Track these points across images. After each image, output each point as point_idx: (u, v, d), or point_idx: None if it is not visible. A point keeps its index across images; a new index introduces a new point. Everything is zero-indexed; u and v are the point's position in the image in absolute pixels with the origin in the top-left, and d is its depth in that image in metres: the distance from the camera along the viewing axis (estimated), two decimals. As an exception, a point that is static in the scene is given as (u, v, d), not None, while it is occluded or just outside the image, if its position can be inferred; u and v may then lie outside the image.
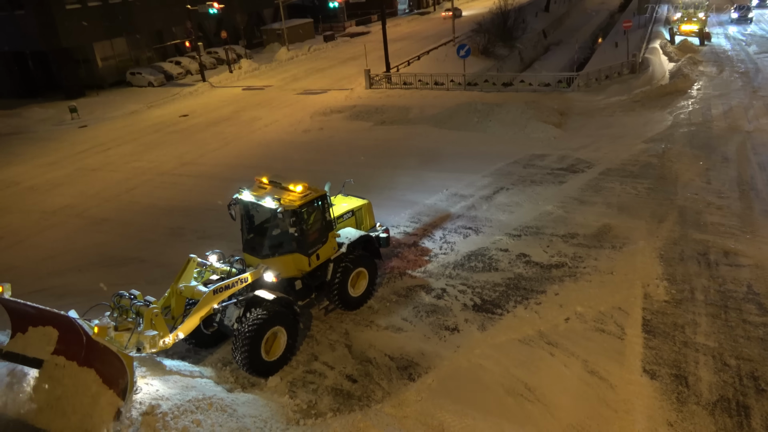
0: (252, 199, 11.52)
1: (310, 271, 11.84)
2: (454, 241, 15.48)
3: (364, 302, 12.78)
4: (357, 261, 12.38)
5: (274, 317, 10.60)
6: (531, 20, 58.03)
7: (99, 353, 8.75)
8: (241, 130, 29.16)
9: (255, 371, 10.60)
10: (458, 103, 28.81)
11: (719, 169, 18.88)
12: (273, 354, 10.84)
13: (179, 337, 10.05)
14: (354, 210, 13.61)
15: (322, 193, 11.80)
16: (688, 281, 12.81)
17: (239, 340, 10.31)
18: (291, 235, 11.34)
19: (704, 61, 34.13)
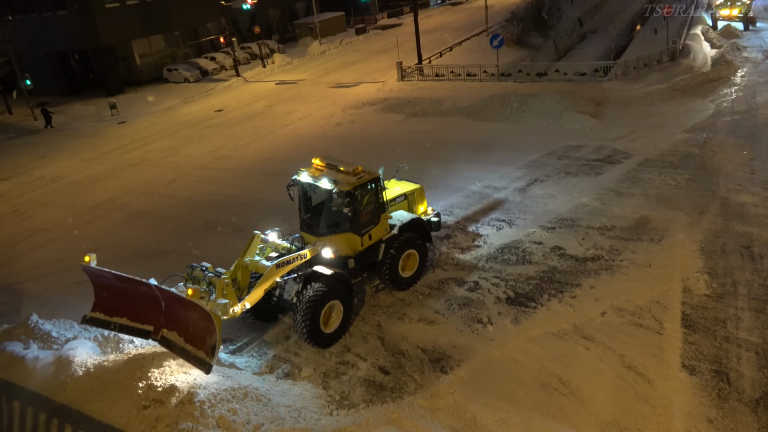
0: (309, 180, 12.05)
1: (363, 251, 12.34)
2: (488, 233, 15.35)
3: (413, 283, 13.15)
4: (407, 243, 12.74)
5: (331, 291, 11.19)
6: (566, 8, 56.69)
7: (185, 314, 9.73)
8: (275, 124, 29.49)
9: (315, 342, 11.20)
10: (491, 94, 28.45)
11: (764, 159, 18.18)
12: (330, 326, 11.45)
13: (246, 307, 10.65)
14: (407, 194, 13.98)
15: (375, 176, 12.21)
16: (730, 275, 12.42)
17: (300, 312, 10.90)
18: (345, 215, 11.78)
19: (749, 47, 32.82)
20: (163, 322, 10.11)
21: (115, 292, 10.85)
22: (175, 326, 9.98)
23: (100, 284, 11.05)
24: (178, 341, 9.88)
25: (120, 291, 10.76)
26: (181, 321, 9.93)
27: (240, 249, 11.65)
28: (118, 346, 10.84)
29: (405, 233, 12.84)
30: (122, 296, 10.76)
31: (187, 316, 9.81)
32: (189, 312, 9.74)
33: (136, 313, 10.55)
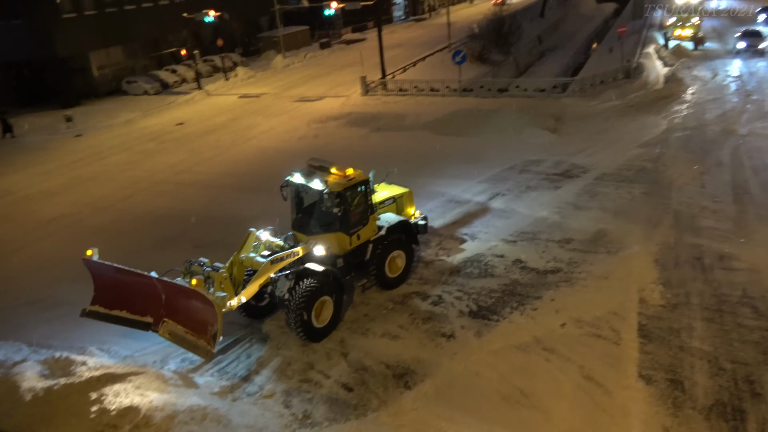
0: (302, 181, 12.62)
1: (351, 251, 12.83)
2: (451, 247, 15.48)
3: (400, 283, 13.62)
4: (395, 244, 13.26)
5: (322, 287, 11.69)
6: (526, 26, 58.30)
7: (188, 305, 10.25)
8: (237, 138, 29.18)
9: (307, 336, 11.65)
10: (454, 109, 28.88)
11: (714, 173, 18.93)
12: (322, 321, 11.87)
13: (242, 301, 11.18)
14: (395, 197, 14.63)
15: (365, 179, 12.77)
16: (684, 285, 12.82)
17: (292, 308, 11.36)
18: (335, 215, 12.31)
19: (698, 66, 34.29)
20: (163, 313, 10.64)
21: (115, 285, 11.29)
22: (176, 317, 10.53)
23: (100, 278, 11.48)
24: (179, 331, 10.44)
25: (120, 284, 11.20)
26: (182, 311, 10.46)
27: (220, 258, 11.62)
28: (70, 368, 10.41)
29: (392, 234, 13.29)
30: (122, 289, 11.20)
31: (188, 306, 10.33)
32: (191, 302, 10.22)
33: (136, 305, 11.04)
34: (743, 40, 36.48)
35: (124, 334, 12.73)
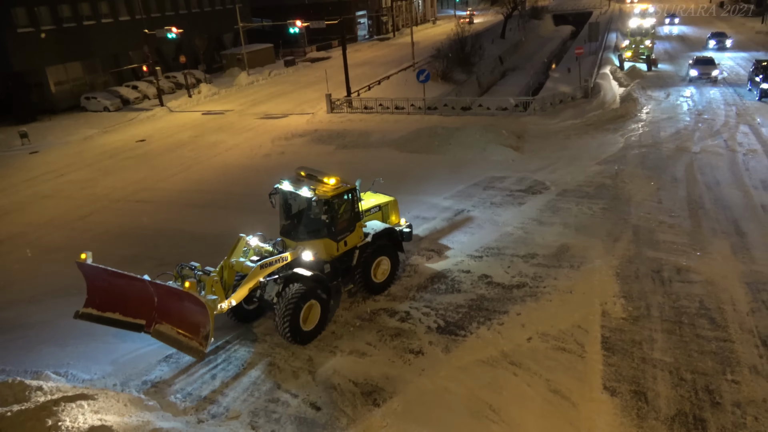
0: (291, 189, 12.93)
1: (338, 257, 13.17)
2: (418, 263, 15.53)
3: (385, 288, 14.07)
4: (380, 250, 13.73)
5: (310, 292, 12.01)
6: (488, 46, 59.65)
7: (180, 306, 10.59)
8: (201, 155, 28.77)
9: (295, 339, 11.93)
10: (419, 127, 29.21)
11: (669, 189, 19.63)
12: (309, 324, 12.18)
13: (232, 304, 11.53)
14: (381, 205, 15.08)
15: (352, 187, 13.14)
16: (644, 298, 13.17)
17: (281, 312, 11.62)
18: (323, 222, 12.74)
19: (652, 86, 35.66)
20: (155, 315, 10.99)
21: (108, 288, 11.63)
22: (168, 318, 10.87)
23: (94, 281, 11.82)
24: (171, 332, 10.78)
25: (113, 287, 11.54)
26: (175, 313, 10.78)
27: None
28: (24, 394, 9.96)
29: (378, 241, 13.69)
30: (115, 292, 11.52)
31: (180, 308, 10.66)
32: (183, 303, 10.53)
33: (128, 307, 11.35)
34: (696, 68, 35.92)
35: (83, 356, 12.31)
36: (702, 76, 35.32)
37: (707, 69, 35.48)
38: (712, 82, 34.95)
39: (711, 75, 35.16)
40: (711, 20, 70.76)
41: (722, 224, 16.72)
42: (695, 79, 35.49)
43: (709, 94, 32.14)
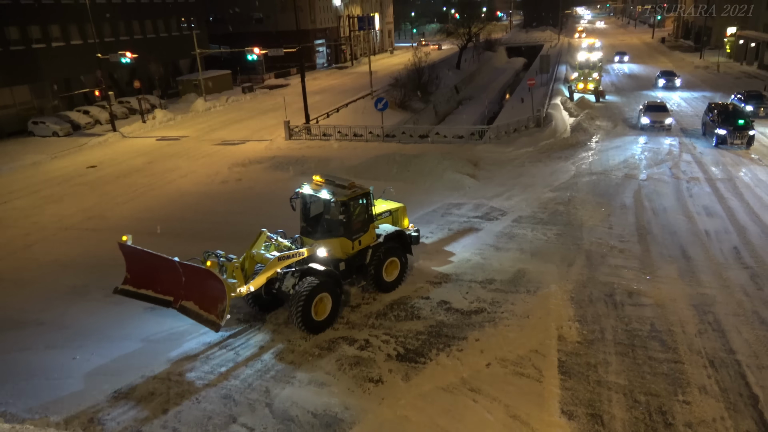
0: (311, 192, 14.26)
1: (353, 255, 14.35)
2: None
3: (395, 287, 15.16)
4: (391, 251, 14.88)
5: (323, 285, 13.05)
6: (444, 76, 61.14)
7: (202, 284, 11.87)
8: (155, 182, 28.13)
9: (307, 328, 12.97)
10: (377, 154, 29.44)
11: (619, 215, 20.32)
12: (320, 315, 13.21)
13: (250, 290, 12.78)
14: (391, 210, 16.36)
15: (366, 191, 14.47)
16: (598, 322, 13.48)
17: (295, 301, 12.71)
18: (340, 222, 13.98)
19: (600, 116, 37.15)
20: (182, 293, 12.28)
21: (143, 268, 12.97)
22: (192, 296, 12.17)
23: (131, 261, 13.21)
24: (194, 308, 12.09)
25: (148, 266, 12.83)
26: (198, 290, 12.07)
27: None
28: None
29: (389, 242, 14.93)
30: (149, 271, 12.84)
31: (203, 286, 11.92)
32: (205, 282, 11.80)
33: (160, 285, 12.69)
34: (647, 116, 32.99)
35: (17, 393, 11.65)
36: (654, 124, 32.64)
37: (660, 117, 32.78)
38: (665, 131, 32.50)
39: (664, 123, 32.56)
40: (654, 55, 74.70)
41: (669, 249, 17.38)
42: (647, 127, 32.75)
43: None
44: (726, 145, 28.33)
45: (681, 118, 36.12)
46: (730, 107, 30.41)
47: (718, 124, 28.74)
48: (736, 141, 28.12)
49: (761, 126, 31.92)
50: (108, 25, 50.60)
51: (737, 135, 28.02)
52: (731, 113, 29.40)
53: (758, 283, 15.05)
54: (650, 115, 32.90)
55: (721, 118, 29.07)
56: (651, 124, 32.65)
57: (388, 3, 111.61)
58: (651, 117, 32.79)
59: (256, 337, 13.47)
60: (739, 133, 28.04)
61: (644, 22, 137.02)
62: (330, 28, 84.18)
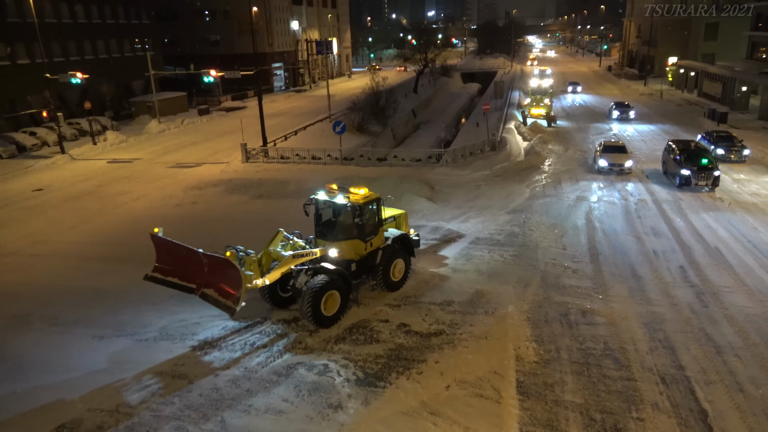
0: (326, 198, 15.47)
1: (364, 256, 15.53)
2: (335, 314, 15.31)
3: (400, 286, 16.48)
4: (398, 252, 16.25)
5: (332, 282, 14.15)
6: (401, 101, 62.01)
7: (222, 272, 13.13)
8: (105, 205, 27.26)
9: (317, 322, 14.07)
10: (336, 176, 29.43)
11: (572, 236, 20.87)
12: (329, 311, 14.27)
13: (266, 283, 13.97)
14: (395, 216, 17.82)
15: (377, 197, 15.81)
16: (554, 341, 13.70)
17: (306, 296, 13.80)
18: (354, 225, 15.20)
19: (552, 140, 38.35)
20: (204, 281, 13.56)
21: (171, 257, 14.26)
22: (213, 284, 13.44)
23: (161, 250, 14.54)
24: (213, 295, 13.33)
25: (175, 256, 14.09)
26: (218, 279, 13.32)
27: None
28: None
29: (396, 245, 16.27)
30: (177, 260, 14.10)
31: (222, 274, 13.17)
32: (224, 271, 13.01)
33: (185, 274, 13.98)
34: (604, 158, 29.66)
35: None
36: (613, 168, 29.30)
37: (619, 159, 29.48)
38: (625, 174, 29.15)
39: (624, 166, 29.21)
40: (602, 83, 77.93)
41: (620, 268, 17.93)
42: (605, 170, 29.43)
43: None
44: (690, 187, 26.14)
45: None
46: (692, 145, 28.35)
47: (681, 164, 26.50)
48: (701, 182, 25.86)
49: (735, 173, 29.10)
50: (58, 44, 49.31)
51: (702, 176, 25.83)
52: (693, 152, 27.04)
53: (703, 301, 15.66)
54: (608, 157, 29.65)
55: (683, 157, 26.76)
56: (609, 167, 29.36)
57: (346, 28, 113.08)
58: (609, 159, 29.53)
59: (210, 365, 13.09)
60: (704, 174, 25.81)
61: (592, 51, 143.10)
62: (288, 52, 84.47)
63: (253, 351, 13.52)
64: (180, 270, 14.05)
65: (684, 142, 29.40)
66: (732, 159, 31.05)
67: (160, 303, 16.16)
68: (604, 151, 30.43)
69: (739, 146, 31.41)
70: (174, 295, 16.54)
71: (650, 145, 36.93)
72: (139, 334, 14.63)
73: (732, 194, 25.73)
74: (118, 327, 15.00)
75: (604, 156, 29.87)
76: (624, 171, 29.29)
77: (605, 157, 29.76)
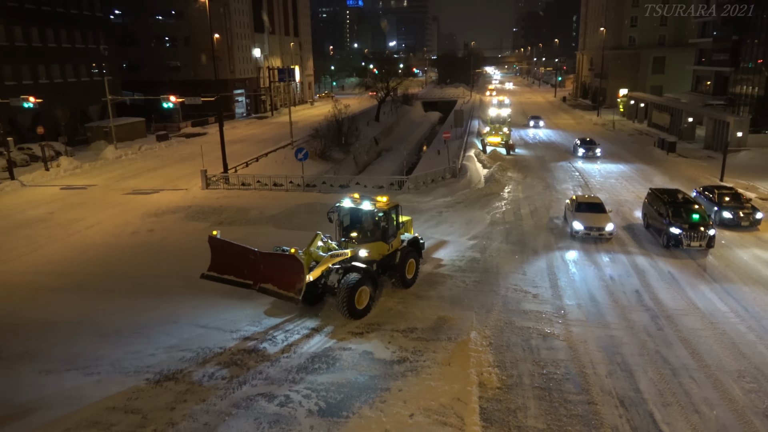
0: (351, 205, 17.67)
1: (386, 257, 17.58)
2: (297, 342, 15.05)
3: (413, 284, 18.63)
4: (411, 253, 18.51)
5: (364, 279, 16.05)
6: (364, 128, 62.54)
7: (284, 267, 15.07)
8: (57, 233, 26.27)
9: (351, 314, 15.90)
10: (298, 203, 29.29)
11: (531, 262, 21.23)
12: (361, 305, 16.11)
13: (310, 279, 15.31)
14: (404, 222, 19.54)
15: (397, 204, 18.12)
16: (516, 367, 13.79)
17: (343, 292, 15.63)
18: (381, 228, 17.61)
19: (511, 168, 39.23)
20: (260, 277, 15.40)
21: (228, 257, 16.06)
22: (270, 278, 15.23)
23: (217, 251, 16.37)
24: (272, 288, 15.15)
25: (232, 256, 15.92)
26: (277, 273, 15.16)
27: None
28: None
29: (410, 246, 18.54)
30: (232, 260, 15.91)
31: (282, 269, 15.06)
32: (285, 265, 14.89)
33: (241, 271, 15.74)
34: (579, 220, 23.62)
35: None
36: (590, 232, 23.29)
37: (597, 221, 23.48)
38: (605, 240, 23.49)
39: (604, 231, 23.24)
40: (558, 113, 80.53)
41: (578, 293, 18.29)
42: (580, 235, 23.51)
43: (559, 176, 28.94)
44: (681, 248, 22.00)
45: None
46: (679, 196, 24.06)
47: (668, 220, 22.30)
48: (694, 242, 21.78)
49: (749, 243, 23.30)
50: (10, 67, 47.94)
51: (694, 235, 21.73)
52: (682, 205, 22.99)
53: (658, 324, 16.09)
54: (583, 219, 23.56)
55: (670, 212, 22.53)
56: (586, 231, 23.23)
57: (308, 56, 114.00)
58: (584, 222, 23.42)
59: (165, 398, 12.60)
60: (696, 233, 21.71)
61: (547, 82, 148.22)
62: (250, 79, 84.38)
63: (210, 381, 13.10)
64: (237, 268, 15.84)
65: (669, 192, 25.06)
66: (743, 224, 24.86)
67: (113, 334, 15.56)
68: (578, 209, 24.42)
69: (749, 208, 25.26)
70: (128, 325, 16.01)
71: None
72: (91, 368, 14.00)
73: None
74: (67, 360, 14.32)
75: (578, 217, 23.78)
76: (604, 237, 23.34)
77: (580, 218, 23.69)
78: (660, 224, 23.23)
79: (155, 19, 76.05)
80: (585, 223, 23.53)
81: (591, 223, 23.51)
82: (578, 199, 25.74)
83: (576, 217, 24.08)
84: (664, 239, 22.75)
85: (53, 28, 52.39)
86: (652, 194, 25.56)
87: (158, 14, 75.99)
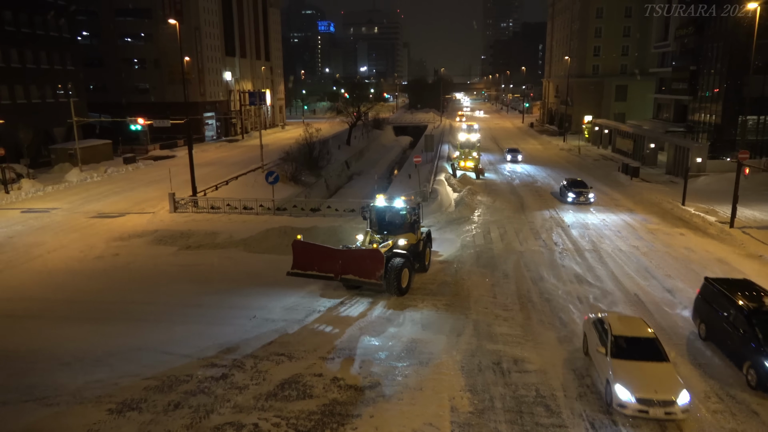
0: (384, 204, 21.96)
1: (413, 245, 21.18)
2: (267, 369, 14.76)
3: (428, 269, 22.51)
4: (428, 243, 22.66)
5: (406, 263, 19.64)
6: (335, 152, 62.68)
7: (361, 259, 18.77)
8: (16, 258, 25.40)
9: (398, 292, 19.32)
10: (268, 227, 29.02)
11: (502, 284, 21.39)
12: (404, 283, 19.50)
13: None
14: None
15: (420, 202, 21.58)
16: (488, 390, 13.76)
17: (393, 273, 19.01)
18: (412, 221, 21.75)
19: (481, 192, 39.73)
20: (339, 270, 18.78)
21: (308, 255, 19.34)
22: (351, 270, 18.69)
23: (299, 251, 19.51)
24: (354, 278, 18.65)
25: (314, 254, 19.28)
26: (356, 264, 18.65)
27: None
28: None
29: (427, 237, 22.58)
30: (313, 257, 19.26)
31: (363, 261, 18.56)
32: (370, 257, 18.44)
33: (322, 266, 19.08)
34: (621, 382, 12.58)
35: None
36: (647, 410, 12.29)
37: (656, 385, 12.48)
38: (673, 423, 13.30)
39: (673, 408, 12.24)
40: (526, 139, 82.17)
41: (548, 316, 18.46)
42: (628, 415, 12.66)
43: (530, 200, 29.51)
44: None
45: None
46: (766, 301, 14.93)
47: (758, 344, 13.77)
48: None
49: None
50: (-30, 88, 46.74)
51: None
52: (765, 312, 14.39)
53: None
54: (630, 379, 12.71)
55: (760, 333, 13.89)
56: (641, 409, 12.31)
57: (280, 80, 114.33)
58: (633, 385, 12.56)
59: (128, 429, 12.15)
60: None
61: (515, 108, 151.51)
62: (220, 102, 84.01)
63: (176, 411, 12.70)
64: (317, 264, 19.08)
65: (740, 285, 16.33)
66: None
67: (74, 362, 15.01)
68: (616, 354, 13.48)
69: None
70: (91, 353, 15.49)
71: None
72: (50, 398, 13.42)
73: None
74: (24, 391, 13.72)
75: (619, 375, 12.79)
76: (675, 419, 12.48)
77: (623, 377, 12.75)
78: (737, 345, 14.56)
79: (124, 41, 75.41)
80: (636, 390, 12.48)
81: (647, 391, 12.42)
82: (612, 325, 14.28)
83: (614, 373, 12.97)
84: (750, 375, 13.82)
85: (17, 49, 51.39)
86: (711, 289, 16.44)
87: (127, 36, 75.39)
